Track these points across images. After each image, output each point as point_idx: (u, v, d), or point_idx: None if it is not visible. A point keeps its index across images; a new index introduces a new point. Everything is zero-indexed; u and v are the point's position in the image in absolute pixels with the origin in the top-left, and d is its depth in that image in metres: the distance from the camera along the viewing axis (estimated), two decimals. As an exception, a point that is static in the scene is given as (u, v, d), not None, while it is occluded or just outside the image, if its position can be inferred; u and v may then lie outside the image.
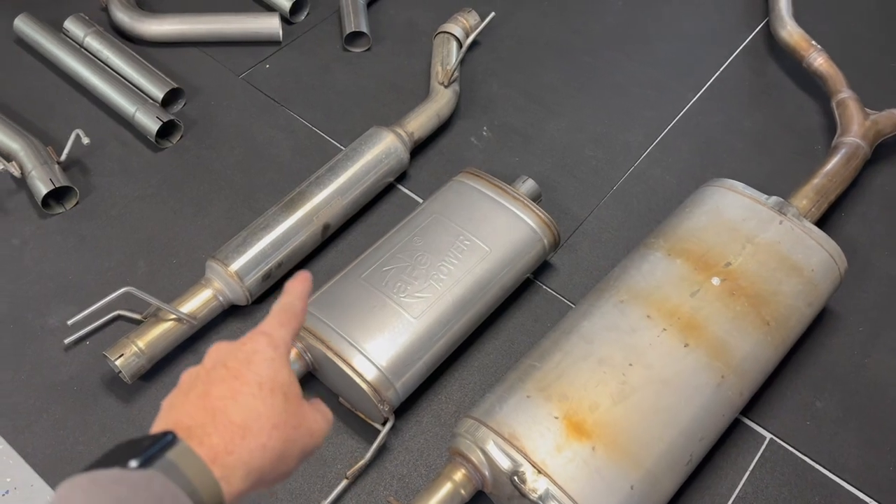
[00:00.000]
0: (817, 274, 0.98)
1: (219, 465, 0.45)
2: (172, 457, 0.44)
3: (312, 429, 0.53)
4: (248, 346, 0.52)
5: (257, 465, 0.47)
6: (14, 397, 0.98)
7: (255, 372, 0.50)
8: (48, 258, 1.11)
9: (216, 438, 0.46)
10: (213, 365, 0.51)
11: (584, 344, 0.90)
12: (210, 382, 0.49)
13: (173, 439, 0.45)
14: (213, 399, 0.48)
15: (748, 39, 1.46)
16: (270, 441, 0.48)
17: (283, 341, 0.54)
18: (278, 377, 0.51)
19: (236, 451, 0.46)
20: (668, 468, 0.84)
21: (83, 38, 1.33)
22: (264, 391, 0.49)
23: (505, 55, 1.42)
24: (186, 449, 0.45)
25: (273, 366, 0.51)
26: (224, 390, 0.49)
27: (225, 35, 1.39)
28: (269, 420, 0.48)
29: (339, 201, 1.11)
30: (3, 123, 1.19)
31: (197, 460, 0.45)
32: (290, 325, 0.55)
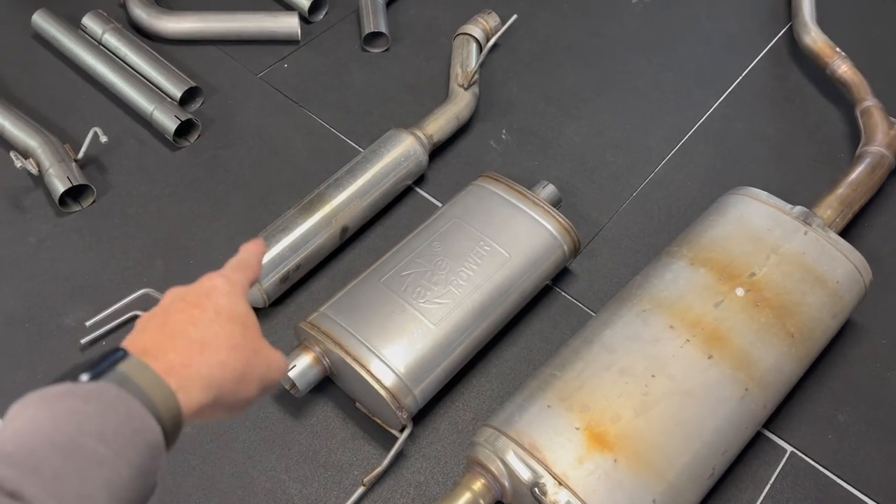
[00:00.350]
0: (842, 286, 0.97)
1: (175, 377, 0.45)
2: (124, 369, 0.44)
3: (270, 359, 0.53)
4: (206, 283, 0.53)
5: (217, 381, 0.48)
6: (30, 397, 0.98)
7: (214, 302, 0.51)
8: (64, 257, 1.11)
9: (172, 354, 0.46)
10: (171, 301, 0.51)
11: (605, 353, 0.89)
12: (168, 314, 0.50)
13: (124, 354, 0.45)
14: (171, 325, 0.49)
15: (771, 45, 1.45)
16: (230, 359, 0.49)
17: (239, 282, 0.55)
18: (237, 308, 0.52)
19: (194, 365, 0.47)
20: (691, 482, 0.83)
21: (101, 35, 1.32)
22: (222, 317, 0.50)
23: (524, 57, 1.41)
24: (138, 362, 0.45)
25: (231, 298, 0.52)
26: (183, 317, 0.49)
27: (243, 33, 1.38)
28: (227, 340, 0.49)
29: (357, 204, 1.10)
30: (20, 120, 1.18)
31: (150, 372, 0.45)
32: (245, 272, 0.57)
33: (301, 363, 0.93)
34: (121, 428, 0.41)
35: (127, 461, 0.40)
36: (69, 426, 0.39)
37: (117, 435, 0.41)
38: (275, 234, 1.04)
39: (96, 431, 0.40)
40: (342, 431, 0.96)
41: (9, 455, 0.37)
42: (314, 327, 0.94)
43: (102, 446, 0.40)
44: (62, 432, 0.39)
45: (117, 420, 0.41)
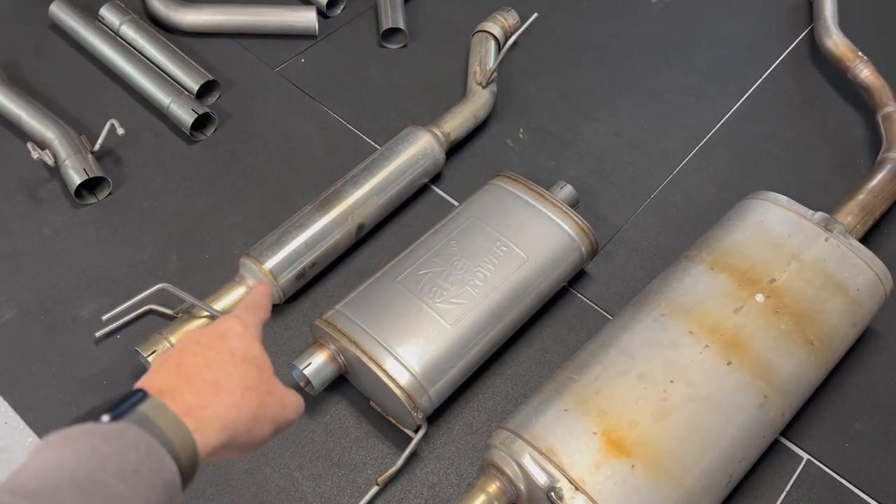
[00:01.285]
0: (863, 294, 0.96)
1: (192, 418, 0.46)
2: (144, 409, 0.45)
3: (284, 400, 0.54)
4: (221, 326, 0.54)
5: (232, 422, 0.49)
6: (44, 390, 0.98)
7: (228, 344, 0.52)
8: (80, 249, 1.10)
9: (189, 396, 0.48)
10: (186, 344, 0.53)
11: (623, 358, 0.88)
12: (183, 356, 0.51)
13: (144, 395, 0.46)
14: (186, 367, 0.50)
15: (791, 47, 1.43)
16: (244, 401, 0.50)
17: (253, 323, 0.56)
18: (250, 350, 0.53)
19: (210, 406, 0.48)
20: (708, 489, 0.83)
21: (119, 26, 1.32)
22: (236, 359, 0.52)
23: (543, 56, 1.40)
24: (158, 403, 0.46)
25: (244, 340, 0.54)
26: (198, 360, 0.51)
27: (261, 27, 1.37)
28: (241, 382, 0.50)
29: (374, 201, 1.09)
30: (37, 111, 1.18)
31: (169, 413, 0.46)
32: (257, 313, 0.58)
33: (316, 361, 0.93)
34: (140, 467, 0.42)
35: (146, 500, 0.41)
36: (91, 464, 0.40)
37: (137, 474, 0.41)
38: (291, 231, 1.03)
39: (117, 470, 0.41)
40: (356, 430, 0.96)
41: (32, 492, 0.38)
42: (330, 325, 0.93)
43: (123, 485, 0.40)
44: (85, 470, 0.40)
45: (137, 459, 0.42)
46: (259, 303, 0.60)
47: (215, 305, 0.98)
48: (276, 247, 1.02)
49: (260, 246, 1.02)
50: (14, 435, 0.94)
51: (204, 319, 0.97)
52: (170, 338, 0.94)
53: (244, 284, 1.01)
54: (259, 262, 1.00)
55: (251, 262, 1.01)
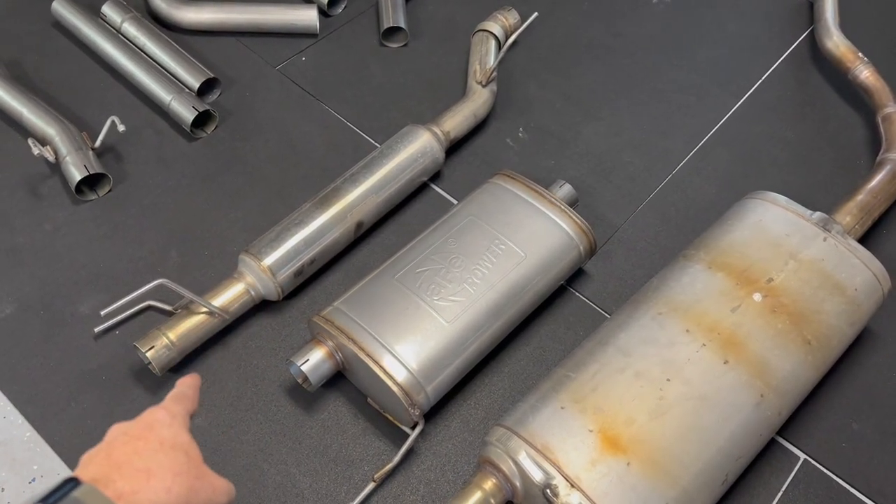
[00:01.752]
0: (860, 294, 0.96)
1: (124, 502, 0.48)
2: (77, 495, 0.46)
3: (215, 485, 0.56)
4: (148, 417, 0.56)
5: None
6: (43, 385, 0.98)
7: (157, 433, 0.55)
8: (80, 245, 1.11)
9: (121, 483, 0.49)
10: (115, 437, 0.54)
11: (620, 356, 0.89)
12: (112, 448, 0.53)
13: (77, 483, 0.47)
14: (116, 456, 0.52)
15: (792, 48, 1.43)
16: (175, 485, 0.51)
17: (180, 414, 0.59)
18: (178, 438, 0.55)
19: (142, 492, 0.49)
20: (704, 487, 0.83)
21: (120, 24, 1.32)
22: (165, 447, 0.54)
23: (543, 55, 1.40)
24: (91, 489, 0.47)
25: (172, 429, 0.56)
26: (128, 449, 0.52)
27: (262, 25, 1.38)
28: (171, 468, 0.52)
29: (373, 199, 1.09)
30: (38, 108, 1.19)
31: (102, 497, 0.47)
32: (183, 404, 0.61)
33: (314, 357, 0.93)
34: None
35: None
36: None
37: None
38: (290, 228, 1.04)
39: None
40: (353, 427, 0.96)
41: None
42: (328, 322, 0.93)
43: None
44: None
45: None
46: (186, 394, 0.62)
47: (214, 301, 0.98)
48: (275, 243, 1.02)
49: (259, 243, 1.02)
50: (12, 430, 0.95)
51: (203, 315, 0.97)
52: (168, 333, 0.95)
53: (243, 281, 1.01)
54: (258, 258, 1.01)
55: (250, 259, 1.01)
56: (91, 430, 0.95)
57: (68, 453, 0.93)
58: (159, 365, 0.94)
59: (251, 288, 1.01)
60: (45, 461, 0.92)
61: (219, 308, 0.98)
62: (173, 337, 0.95)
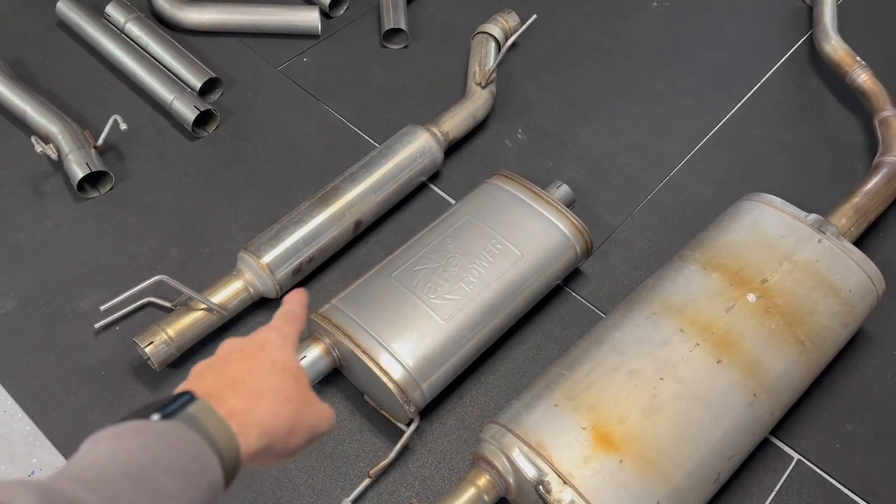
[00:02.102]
0: (854, 295, 0.96)
1: (236, 422, 0.48)
2: (192, 411, 0.47)
3: (319, 412, 0.56)
4: (261, 336, 0.56)
5: (271, 429, 0.50)
6: (43, 379, 0.99)
7: (269, 354, 0.54)
8: (81, 242, 1.12)
9: (233, 401, 0.49)
10: (228, 352, 0.54)
11: (614, 355, 0.89)
12: (226, 363, 0.53)
13: (192, 397, 0.48)
14: (230, 373, 0.51)
15: (791, 52, 1.44)
16: (283, 410, 0.51)
17: (291, 335, 0.58)
18: (289, 361, 0.55)
19: (252, 413, 0.49)
20: (696, 485, 0.83)
21: (124, 24, 1.33)
22: (276, 369, 0.53)
23: (543, 57, 1.41)
24: (206, 405, 0.47)
25: (284, 352, 0.55)
26: (240, 367, 0.52)
27: (264, 26, 1.39)
28: (280, 392, 0.52)
29: (371, 198, 1.10)
30: (42, 106, 1.20)
31: (216, 415, 0.47)
32: (293, 324, 0.60)
33: (311, 354, 0.94)
34: (189, 466, 0.43)
35: (191, 498, 0.42)
36: (143, 459, 0.42)
37: (185, 472, 0.43)
38: (289, 227, 1.05)
39: (167, 467, 0.42)
40: (350, 423, 0.97)
41: (89, 481, 0.39)
42: (325, 319, 0.94)
43: (171, 481, 0.42)
44: (137, 465, 0.41)
45: (186, 458, 0.43)
46: (295, 313, 0.61)
47: (213, 298, 0.99)
48: (274, 241, 1.03)
49: (258, 241, 1.03)
50: (12, 423, 0.96)
51: (201, 312, 0.98)
52: (167, 329, 0.96)
53: (241, 278, 1.02)
54: (257, 256, 1.01)
55: (249, 257, 1.02)
56: (90, 424, 0.96)
57: (67, 447, 0.94)
58: (158, 360, 0.95)
59: (250, 285, 1.02)
60: (44, 454, 0.93)
61: (217, 305, 0.99)
62: (172, 333, 0.96)
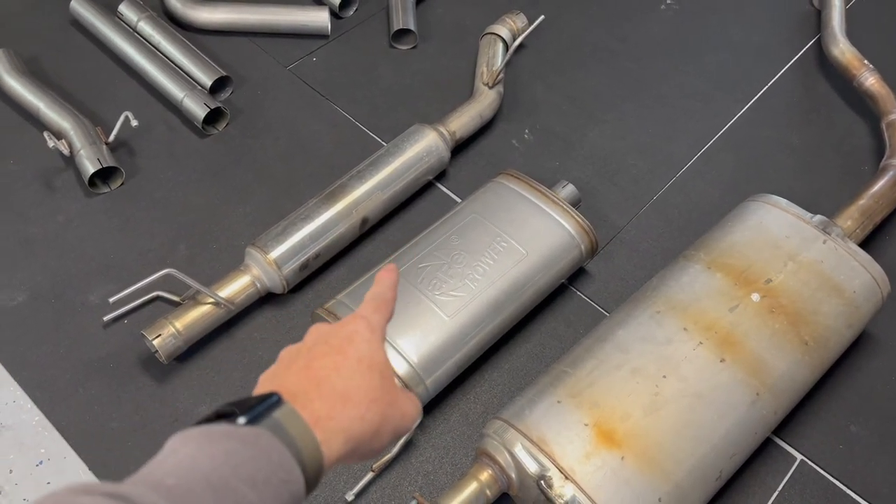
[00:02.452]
0: (859, 296, 0.96)
1: (320, 429, 0.47)
2: (278, 416, 0.46)
3: (404, 411, 0.54)
4: (349, 327, 0.54)
5: (356, 434, 0.49)
6: (52, 371, 1.00)
7: (356, 348, 0.52)
8: (91, 237, 1.13)
9: (318, 404, 0.48)
10: (315, 342, 0.53)
11: (618, 353, 0.90)
12: (312, 357, 0.51)
13: (279, 400, 0.47)
14: (316, 370, 0.50)
15: (799, 55, 1.44)
16: (369, 413, 0.50)
17: (379, 325, 0.56)
18: (376, 356, 0.53)
19: (337, 418, 0.48)
20: (698, 483, 0.83)
21: (136, 23, 1.35)
22: (363, 366, 0.51)
23: (551, 59, 1.42)
24: (291, 410, 0.46)
25: (371, 346, 0.53)
26: (327, 363, 0.51)
27: (275, 26, 1.40)
28: (367, 393, 0.50)
29: (378, 196, 1.11)
30: (55, 102, 1.22)
31: (301, 421, 0.46)
32: (382, 310, 0.58)
33: (316, 349, 0.95)
34: (271, 477, 0.42)
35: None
36: (225, 468, 0.41)
37: (267, 483, 0.42)
38: (296, 223, 1.06)
39: (249, 477, 0.41)
40: (354, 418, 0.98)
41: (170, 489, 0.39)
42: (330, 314, 0.95)
43: (252, 492, 0.41)
44: (219, 474, 0.41)
45: (269, 468, 0.43)
46: (385, 296, 0.59)
47: (220, 293, 1.00)
48: (282, 237, 1.04)
49: (265, 236, 1.05)
50: (21, 414, 0.97)
51: (209, 306, 0.99)
52: (175, 323, 0.97)
53: (249, 273, 1.03)
54: (264, 251, 1.03)
55: (256, 252, 1.03)
56: (98, 415, 0.97)
57: (75, 438, 0.95)
58: (165, 353, 0.96)
59: (257, 280, 1.03)
60: (52, 445, 0.95)
61: (225, 299, 1.00)
62: (180, 326, 0.97)
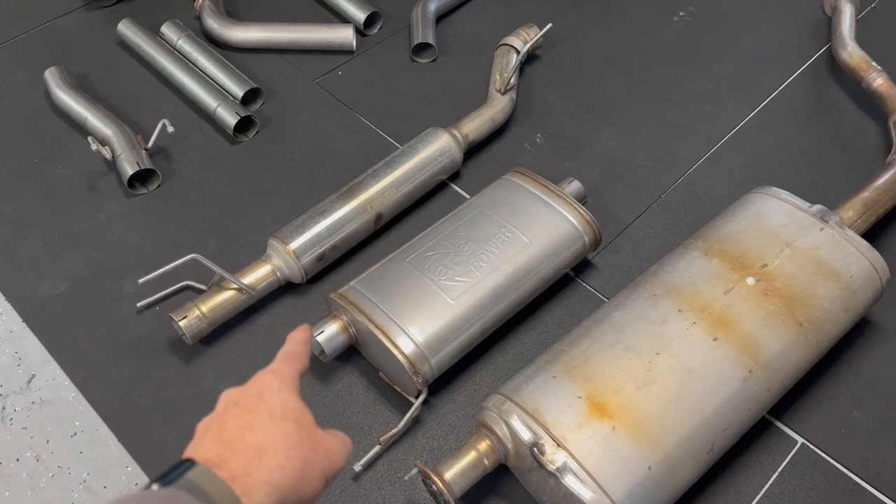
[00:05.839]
0: (856, 281, 0.98)
1: (239, 484, 0.47)
2: (192, 476, 0.47)
3: (330, 451, 0.55)
4: (258, 383, 0.56)
5: (279, 485, 0.49)
6: (88, 352, 1.08)
7: (267, 403, 0.54)
8: (129, 233, 1.22)
9: (234, 463, 0.49)
10: (226, 407, 0.54)
11: (613, 332, 0.93)
12: (224, 421, 0.52)
13: (192, 463, 0.48)
14: (228, 432, 0.51)
15: (810, 61, 1.47)
16: (289, 462, 0.50)
17: (290, 376, 0.58)
18: (288, 405, 0.54)
19: (255, 472, 0.48)
20: (688, 454, 0.86)
21: (176, 42, 1.46)
22: (276, 418, 0.53)
23: (565, 68, 1.47)
24: (205, 469, 0.47)
25: (281, 396, 0.55)
26: (238, 423, 0.52)
27: (303, 43, 1.49)
28: (284, 442, 0.51)
29: (392, 193, 1.18)
30: (100, 112, 1.32)
31: (216, 479, 0.47)
32: (294, 364, 0.60)
33: (329, 330, 1.01)
34: None
35: None
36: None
37: None
38: (314, 217, 1.13)
39: None
40: (365, 397, 1.03)
41: None
42: (343, 298, 1.01)
43: None
44: None
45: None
46: (297, 352, 0.61)
47: (243, 279, 1.07)
48: (301, 230, 1.11)
49: (286, 229, 1.12)
50: (60, 390, 1.05)
51: (232, 291, 1.06)
52: (200, 306, 1.04)
53: (270, 263, 1.10)
54: (284, 242, 1.10)
55: (277, 243, 1.10)
56: (128, 392, 1.04)
57: (107, 412, 1.03)
58: (191, 334, 1.03)
59: (277, 269, 1.10)
60: (86, 418, 1.02)
61: (247, 285, 1.07)
62: (205, 309, 1.04)
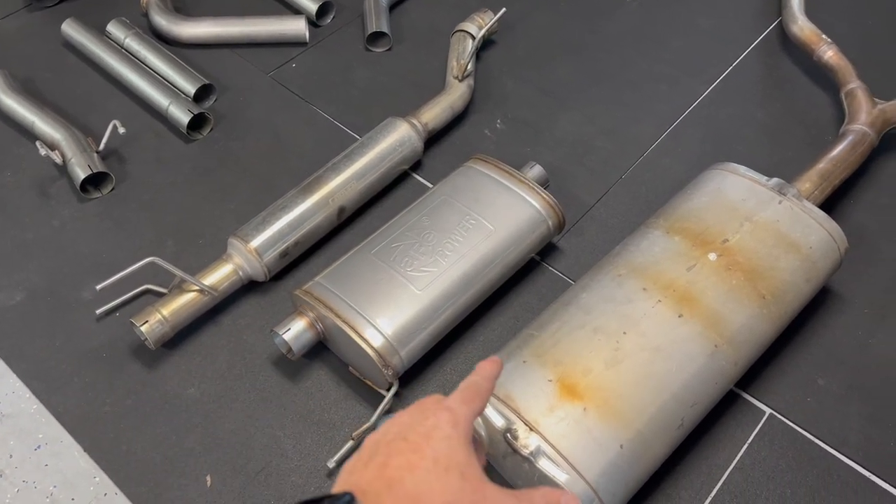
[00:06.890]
0: (816, 251, 1.00)
1: None
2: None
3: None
4: (430, 421, 0.54)
5: None
6: (48, 363, 1.05)
7: (433, 447, 0.52)
8: (84, 239, 1.19)
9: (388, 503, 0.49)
10: (395, 437, 0.53)
11: (581, 314, 0.93)
12: (390, 454, 0.52)
13: (351, 499, 0.48)
14: (391, 469, 0.51)
15: (762, 37, 1.49)
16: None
17: (465, 418, 0.56)
18: (455, 455, 0.52)
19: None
20: (659, 431, 0.87)
21: (124, 40, 1.42)
22: (439, 468, 0.51)
23: (521, 54, 1.47)
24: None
25: (451, 443, 0.53)
26: (402, 461, 0.51)
27: (255, 37, 1.47)
28: (441, 496, 0.50)
29: (354, 186, 1.16)
30: (48, 115, 1.28)
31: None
32: (473, 402, 0.58)
33: (295, 327, 0.99)
34: None
35: None
36: None
37: None
38: (275, 213, 1.11)
39: None
40: (335, 393, 1.02)
41: None
42: (308, 294, 1.00)
43: None
44: None
45: None
46: (480, 388, 0.58)
47: (204, 280, 1.05)
48: (262, 227, 1.09)
49: (246, 227, 1.10)
50: (21, 403, 1.02)
51: (194, 293, 1.04)
52: (161, 310, 1.02)
53: (231, 262, 1.08)
54: (245, 241, 1.08)
55: (238, 242, 1.08)
56: (92, 401, 1.02)
57: (71, 423, 1.00)
58: (154, 339, 1.01)
59: (239, 268, 1.08)
60: (49, 430, 0.99)
61: (209, 286, 1.05)
62: (166, 313, 1.02)
